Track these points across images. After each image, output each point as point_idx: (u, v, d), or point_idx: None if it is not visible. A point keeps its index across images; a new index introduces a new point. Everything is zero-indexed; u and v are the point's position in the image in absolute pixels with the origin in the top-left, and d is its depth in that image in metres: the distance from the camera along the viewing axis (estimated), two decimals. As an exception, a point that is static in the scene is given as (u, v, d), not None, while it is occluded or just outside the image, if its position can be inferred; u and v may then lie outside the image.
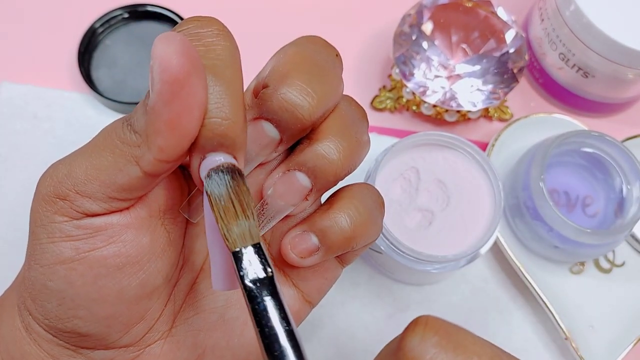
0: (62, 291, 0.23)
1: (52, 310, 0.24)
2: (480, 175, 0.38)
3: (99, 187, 0.22)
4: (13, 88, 0.47)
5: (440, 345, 0.19)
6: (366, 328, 0.42)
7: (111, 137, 0.22)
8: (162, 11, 0.49)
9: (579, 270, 0.43)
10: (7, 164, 0.45)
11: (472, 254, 0.36)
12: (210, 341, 0.27)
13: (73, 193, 0.23)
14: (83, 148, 0.23)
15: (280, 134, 0.24)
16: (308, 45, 0.25)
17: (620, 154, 0.41)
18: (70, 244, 0.23)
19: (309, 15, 0.52)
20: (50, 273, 0.23)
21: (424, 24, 0.44)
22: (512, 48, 0.44)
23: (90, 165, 0.22)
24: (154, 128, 0.21)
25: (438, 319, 0.20)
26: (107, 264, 0.23)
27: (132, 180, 0.22)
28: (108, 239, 0.23)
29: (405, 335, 0.20)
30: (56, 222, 0.23)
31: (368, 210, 0.26)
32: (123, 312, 0.25)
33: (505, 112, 0.48)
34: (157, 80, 0.20)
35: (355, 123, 0.26)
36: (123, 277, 0.24)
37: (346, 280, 0.43)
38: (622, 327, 0.41)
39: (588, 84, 0.45)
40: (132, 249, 0.24)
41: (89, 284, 0.23)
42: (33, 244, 0.24)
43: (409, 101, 0.47)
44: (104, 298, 0.24)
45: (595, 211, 0.42)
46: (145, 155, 0.21)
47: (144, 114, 0.21)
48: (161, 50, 0.20)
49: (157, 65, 0.20)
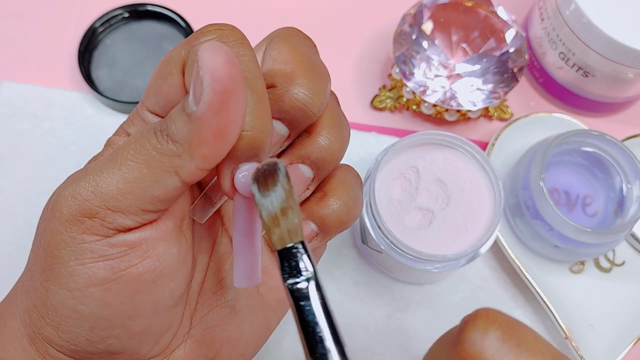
0: (95, 313, 0.23)
1: (82, 335, 0.23)
2: (480, 174, 0.38)
3: (132, 200, 0.22)
4: (13, 88, 0.47)
5: (504, 341, 0.19)
6: (366, 327, 0.42)
7: (145, 149, 0.22)
8: (163, 11, 0.49)
9: (579, 269, 0.43)
10: (7, 163, 0.45)
11: (472, 253, 0.36)
12: (226, 334, 0.27)
13: (103, 209, 0.22)
14: (106, 162, 0.22)
15: (290, 131, 0.25)
16: (295, 39, 0.26)
17: (621, 154, 0.41)
18: (104, 264, 0.22)
19: (309, 15, 0.52)
20: (81, 297, 0.22)
21: (424, 23, 0.44)
22: (512, 47, 0.44)
23: (122, 179, 0.22)
24: (199, 137, 0.21)
25: (500, 313, 0.19)
26: (143, 280, 0.23)
27: (169, 191, 0.22)
28: (143, 255, 0.23)
29: (466, 328, 0.19)
30: (86, 242, 0.22)
31: (356, 193, 0.27)
32: (155, 324, 0.25)
33: (506, 112, 0.48)
34: (208, 91, 0.20)
35: (340, 111, 0.27)
36: (157, 290, 0.24)
37: (346, 280, 0.43)
38: (622, 326, 0.41)
39: (588, 83, 0.45)
40: (165, 261, 0.24)
41: (125, 302, 0.23)
42: (56, 268, 0.23)
43: (409, 100, 0.47)
44: (140, 313, 0.24)
45: (595, 210, 0.42)
46: (186, 165, 0.21)
47: (187, 124, 0.21)
48: (210, 60, 0.20)
49: (208, 75, 0.20)
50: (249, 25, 0.36)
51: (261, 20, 0.51)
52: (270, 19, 0.51)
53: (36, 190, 0.45)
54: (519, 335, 0.19)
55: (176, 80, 0.23)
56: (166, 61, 0.24)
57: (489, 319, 0.19)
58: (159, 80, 0.24)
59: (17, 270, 0.27)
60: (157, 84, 0.24)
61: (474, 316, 0.20)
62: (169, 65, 0.24)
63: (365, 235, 0.39)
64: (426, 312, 0.42)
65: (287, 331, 0.41)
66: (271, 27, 0.27)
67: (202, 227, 0.28)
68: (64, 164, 0.45)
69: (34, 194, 0.45)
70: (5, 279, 0.42)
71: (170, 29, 0.49)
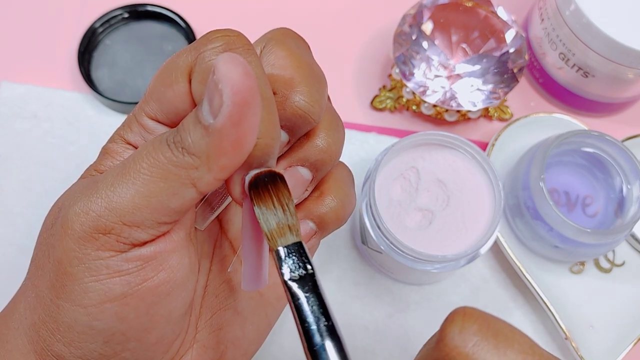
0: (111, 328, 0.23)
1: (95, 350, 0.23)
2: (480, 175, 0.38)
3: (149, 214, 0.22)
4: (13, 88, 0.47)
5: (481, 333, 0.19)
6: (366, 328, 0.42)
7: (160, 162, 0.22)
8: (162, 11, 0.49)
9: (579, 270, 0.43)
10: (7, 164, 0.45)
11: (472, 254, 0.36)
12: (230, 335, 0.28)
13: (119, 225, 0.22)
14: (118, 177, 0.22)
15: (290, 137, 0.25)
16: (292, 42, 0.26)
17: (620, 154, 0.41)
18: (120, 279, 0.22)
19: (309, 15, 0.52)
20: (97, 313, 0.22)
21: (424, 23, 0.44)
22: (512, 48, 0.44)
23: (138, 193, 0.22)
24: (218, 149, 0.21)
25: (475, 309, 0.20)
26: (159, 292, 0.23)
27: (185, 202, 0.22)
28: (157, 268, 0.23)
29: (445, 326, 0.20)
30: (101, 258, 0.22)
31: (350, 189, 0.28)
32: (168, 333, 0.25)
33: (505, 112, 0.48)
34: (228, 104, 0.20)
35: (335, 112, 0.27)
36: (171, 301, 0.24)
37: (346, 280, 0.43)
38: (622, 327, 0.41)
39: (588, 83, 0.45)
40: (179, 272, 0.24)
41: (141, 316, 0.23)
42: (69, 285, 0.22)
43: (409, 101, 0.47)
44: (155, 325, 0.24)
45: (595, 211, 0.42)
46: (204, 177, 0.21)
47: (205, 136, 0.21)
48: (229, 72, 0.20)
49: (228, 88, 0.20)
50: (249, 26, 0.36)
51: (261, 21, 0.51)
52: (270, 19, 0.51)
53: (36, 190, 0.45)
54: (495, 327, 0.20)
55: (182, 88, 0.23)
56: (170, 68, 0.24)
57: (466, 315, 0.20)
58: (162, 87, 0.24)
59: (17, 270, 0.27)
60: (161, 91, 0.24)
61: (452, 314, 0.20)
62: (174, 72, 0.23)
63: (365, 236, 0.39)
64: (426, 313, 0.42)
65: (286, 331, 0.41)
66: (271, 27, 0.27)
67: (203, 231, 0.28)
68: (64, 164, 0.45)
69: (34, 194, 0.45)
70: (5, 279, 0.42)
71: (170, 29, 0.49)
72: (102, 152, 0.25)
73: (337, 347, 0.21)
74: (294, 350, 0.41)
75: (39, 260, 0.24)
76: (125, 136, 0.25)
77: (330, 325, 0.21)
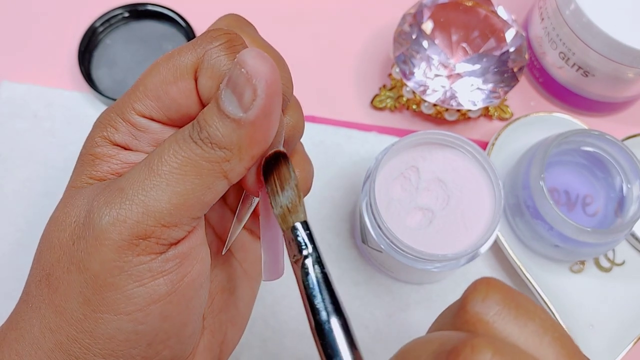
0: (154, 329, 0.23)
1: (138, 355, 0.23)
2: (480, 174, 0.38)
3: (186, 211, 0.22)
4: (13, 87, 0.47)
5: (504, 303, 0.19)
6: (366, 327, 0.42)
7: (191, 159, 0.22)
8: (163, 10, 0.49)
9: (579, 269, 0.43)
10: (7, 163, 0.45)
11: (472, 253, 0.36)
12: (228, 316, 0.29)
13: (159, 228, 0.22)
14: (147, 180, 0.22)
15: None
16: (248, 28, 0.26)
17: (621, 153, 0.41)
18: (164, 280, 0.23)
19: (309, 15, 0.52)
20: (142, 317, 0.22)
21: (424, 23, 0.44)
22: (512, 47, 0.44)
23: (174, 194, 0.22)
24: (251, 140, 0.22)
25: (499, 280, 0.20)
26: (195, 286, 0.24)
27: (217, 195, 0.23)
28: (192, 262, 0.24)
29: (468, 294, 0.20)
30: (144, 263, 0.22)
31: (311, 164, 0.29)
32: (198, 324, 0.26)
33: (506, 111, 0.48)
34: (262, 97, 0.21)
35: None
36: (203, 292, 0.25)
37: (346, 280, 0.43)
38: (622, 326, 0.41)
39: (588, 83, 0.45)
40: (206, 263, 0.25)
41: (182, 312, 0.24)
42: (110, 296, 0.22)
43: (409, 100, 0.47)
44: (191, 318, 0.24)
45: (595, 210, 0.42)
46: (235, 168, 0.23)
47: (237, 129, 0.22)
48: (260, 66, 0.21)
49: (262, 82, 0.21)
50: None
51: (261, 21, 0.51)
52: (270, 19, 0.51)
53: (36, 190, 0.45)
54: (518, 300, 0.20)
55: (188, 85, 0.23)
56: (172, 65, 0.24)
57: (490, 284, 0.20)
58: (164, 84, 0.23)
59: (17, 270, 0.27)
60: (162, 89, 0.24)
61: (475, 283, 0.21)
62: (178, 70, 0.23)
63: (365, 235, 0.39)
64: (426, 312, 0.42)
65: (287, 329, 0.41)
66: (271, 27, 0.27)
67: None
68: (64, 163, 0.45)
69: (34, 193, 0.45)
70: (5, 279, 0.42)
71: (170, 29, 0.49)
72: (89, 158, 0.24)
73: (342, 324, 0.22)
74: (294, 349, 0.41)
75: (57, 278, 0.23)
76: (111, 137, 0.24)
77: (334, 300, 0.22)
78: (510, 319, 0.19)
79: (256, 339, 0.41)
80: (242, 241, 0.30)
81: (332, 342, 0.21)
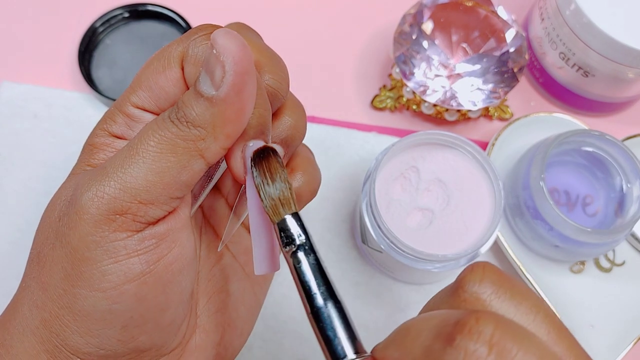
0: (129, 310, 0.23)
1: (113, 336, 0.23)
2: (480, 174, 0.38)
3: (162, 189, 0.23)
4: (13, 88, 0.47)
5: (499, 284, 0.20)
6: (366, 327, 0.42)
7: (167, 138, 0.23)
8: (163, 10, 0.49)
9: (579, 269, 0.43)
10: (7, 163, 0.45)
11: (472, 253, 0.36)
12: (225, 318, 0.29)
13: (135, 204, 0.22)
14: (126, 158, 0.23)
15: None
16: (248, 33, 0.27)
17: (621, 153, 0.41)
18: (138, 259, 0.23)
19: (309, 15, 0.52)
20: (116, 295, 0.23)
21: (424, 23, 0.44)
22: (513, 47, 0.44)
23: (150, 170, 0.22)
24: (223, 118, 0.22)
25: (494, 265, 0.21)
26: (172, 270, 0.24)
27: (194, 175, 0.23)
28: (170, 245, 0.24)
29: (465, 274, 0.21)
30: (119, 239, 0.22)
31: (316, 165, 0.29)
32: (179, 313, 0.25)
33: (506, 112, 0.48)
34: (231, 73, 0.22)
35: (293, 95, 0.29)
36: (182, 279, 0.25)
37: (346, 280, 0.43)
38: (622, 326, 0.41)
39: (588, 83, 0.45)
40: (187, 249, 0.25)
41: (159, 295, 0.24)
42: (86, 271, 0.22)
43: (409, 100, 0.47)
44: (169, 304, 0.24)
45: (595, 210, 0.42)
46: (211, 147, 0.23)
47: (209, 107, 0.22)
48: (229, 44, 0.22)
49: (230, 59, 0.21)
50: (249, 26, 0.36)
51: (261, 21, 0.51)
52: (270, 19, 0.51)
53: (36, 190, 0.45)
54: (512, 282, 0.20)
55: (175, 74, 0.24)
56: (161, 57, 0.25)
57: (486, 268, 0.21)
58: (154, 75, 0.25)
59: (17, 270, 0.27)
60: (152, 79, 0.25)
61: (472, 265, 0.21)
62: (166, 60, 0.24)
63: (366, 235, 0.39)
64: (426, 312, 0.42)
65: (287, 330, 0.41)
66: (271, 27, 0.28)
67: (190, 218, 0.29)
68: (63, 163, 0.45)
69: (34, 193, 0.45)
70: (5, 279, 0.42)
71: (170, 29, 0.49)
72: (89, 148, 0.26)
73: (337, 308, 0.22)
74: (294, 349, 0.41)
75: (45, 255, 0.24)
76: (110, 129, 0.25)
77: (328, 287, 0.23)
78: (506, 299, 0.20)
79: (256, 339, 0.41)
80: (245, 245, 0.30)
81: (330, 324, 0.22)
